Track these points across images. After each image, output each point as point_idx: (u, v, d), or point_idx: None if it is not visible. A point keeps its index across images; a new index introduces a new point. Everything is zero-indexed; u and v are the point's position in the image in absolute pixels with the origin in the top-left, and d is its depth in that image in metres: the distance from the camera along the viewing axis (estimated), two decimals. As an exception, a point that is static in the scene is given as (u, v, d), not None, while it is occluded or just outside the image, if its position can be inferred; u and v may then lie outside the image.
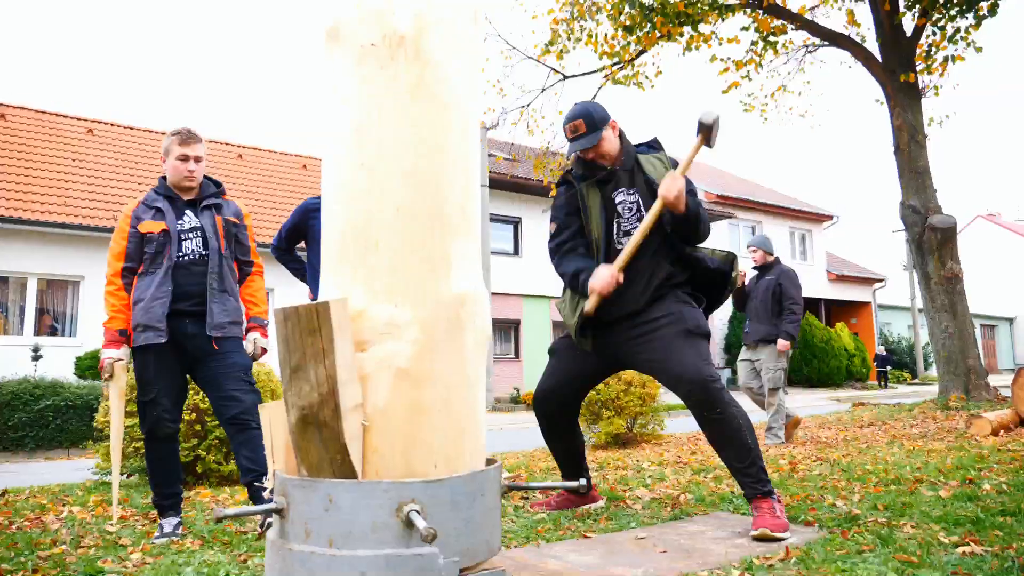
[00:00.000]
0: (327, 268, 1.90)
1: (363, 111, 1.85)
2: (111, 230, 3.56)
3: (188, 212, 3.39)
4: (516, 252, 19.85)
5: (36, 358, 10.85)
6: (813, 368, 22.74)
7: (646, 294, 2.74)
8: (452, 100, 1.91)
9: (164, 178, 3.45)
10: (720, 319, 23.59)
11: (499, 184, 18.31)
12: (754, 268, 6.56)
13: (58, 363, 11.53)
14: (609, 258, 2.80)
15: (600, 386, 7.30)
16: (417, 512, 1.68)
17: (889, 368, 24.38)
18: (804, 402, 15.71)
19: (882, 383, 23.41)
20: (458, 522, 1.76)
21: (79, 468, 6.64)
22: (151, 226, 3.29)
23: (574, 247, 2.88)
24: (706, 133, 2.72)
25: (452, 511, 1.75)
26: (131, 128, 16.77)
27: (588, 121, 2.79)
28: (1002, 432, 5.53)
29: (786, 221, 26.28)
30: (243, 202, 16.34)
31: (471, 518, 1.79)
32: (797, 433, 7.00)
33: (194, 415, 5.14)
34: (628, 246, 2.70)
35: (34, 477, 6.37)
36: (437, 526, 1.70)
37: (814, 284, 26.56)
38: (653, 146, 3.02)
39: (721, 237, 24.03)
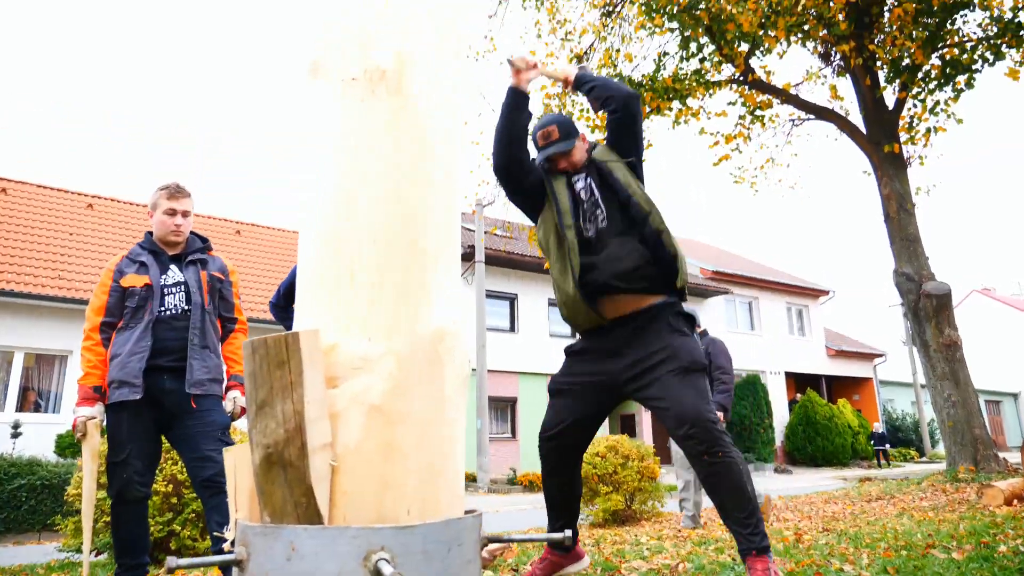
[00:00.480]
0: (301, 301, 1.82)
1: (342, 143, 1.82)
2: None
3: (172, 267, 3.33)
4: (512, 329, 19.76)
5: (15, 435, 10.56)
6: (817, 446, 22.28)
7: (624, 262, 2.67)
8: (433, 134, 1.88)
9: (150, 233, 3.41)
10: (719, 396, 23.26)
11: (495, 260, 18.41)
12: None
13: (38, 440, 11.24)
14: (584, 247, 2.75)
15: (597, 460, 7.09)
16: (386, 561, 1.54)
17: (888, 446, 23.57)
18: (810, 482, 15.30)
19: (881, 462, 22.59)
20: (431, 573, 1.62)
21: (48, 553, 6.34)
22: (134, 280, 3.23)
23: None
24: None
25: (424, 561, 1.61)
26: (131, 204, 16.96)
27: (562, 128, 2.84)
28: (1015, 501, 5.32)
29: (782, 296, 26.35)
30: (241, 277, 16.40)
31: (446, 569, 1.65)
32: (803, 508, 6.75)
33: (170, 486, 4.93)
34: (552, 74, 3.02)
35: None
36: (409, 577, 1.57)
37: (813, 360, 26.39)
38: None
39: (717, 312, 24.03)
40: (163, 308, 3.21)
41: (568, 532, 1.89)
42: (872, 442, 22.90)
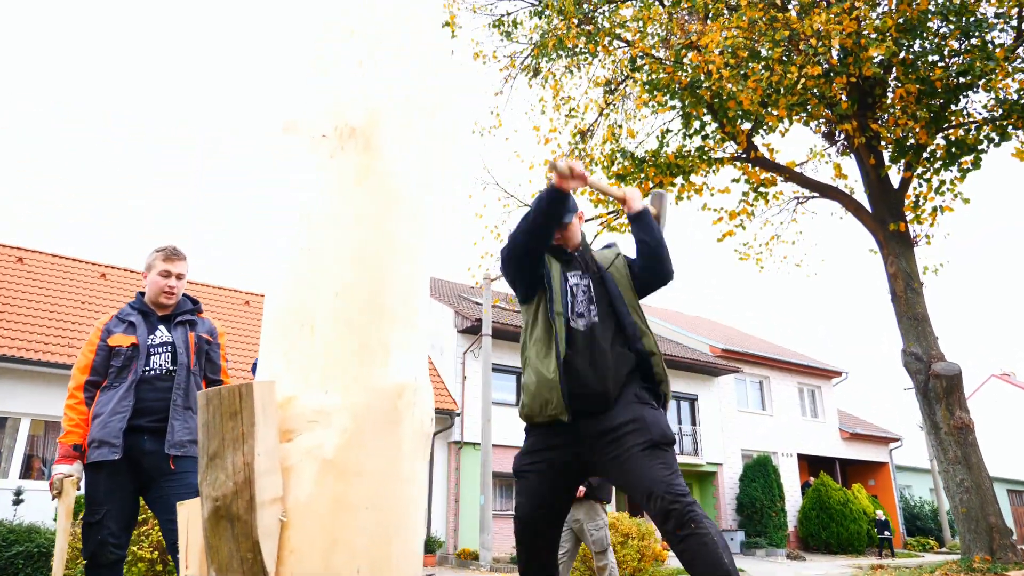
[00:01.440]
0: (263, 353, 1.81)
1: (309, 198, 1.84)
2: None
3: (161, 327, 3.35)
4: (518, 403, 19.54)
5: (17, 502, 10.45)
6: (831, 532, 21.49)
7: (611, 381, 2.62)
8: (402, 191, 1.90)
9: (142, 293, 3.44)
10: (731, 478, 22.73)
11: (501, 334, 18.39)
12: None
13: (40, 507, 11.09)
14: (568, 337, 2.71)
15: (597, 537, 6.88)
16: (331, 624, 1.48)
17: (903, 533, 22.32)
18: (823, 570, 14.71)
19: (884, 552, 21.10)
20: (380, 638, 1.55)
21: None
22: (120, 339, 3.24)
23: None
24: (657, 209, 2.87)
25: (374, 625, 1.54)
26: (144, 273, 17.24)
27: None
28: (1029, 591, 5.07)
29: (794, 377, 25.98)
30: (249, 346, 16.43)
31: (396, 635, 1.58)
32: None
33: (156, 553, 4.83)
34: (606, 190, 2.90)
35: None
36: (355, 642, 1.50)
37: (827, 443, 25.79)
38: (608, 247, 3.06)
39: (727, 391, 23.70)
40: (148, 368, 3.21)
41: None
42: (876, 530, 21.72)
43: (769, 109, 8.67)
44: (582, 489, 5.43)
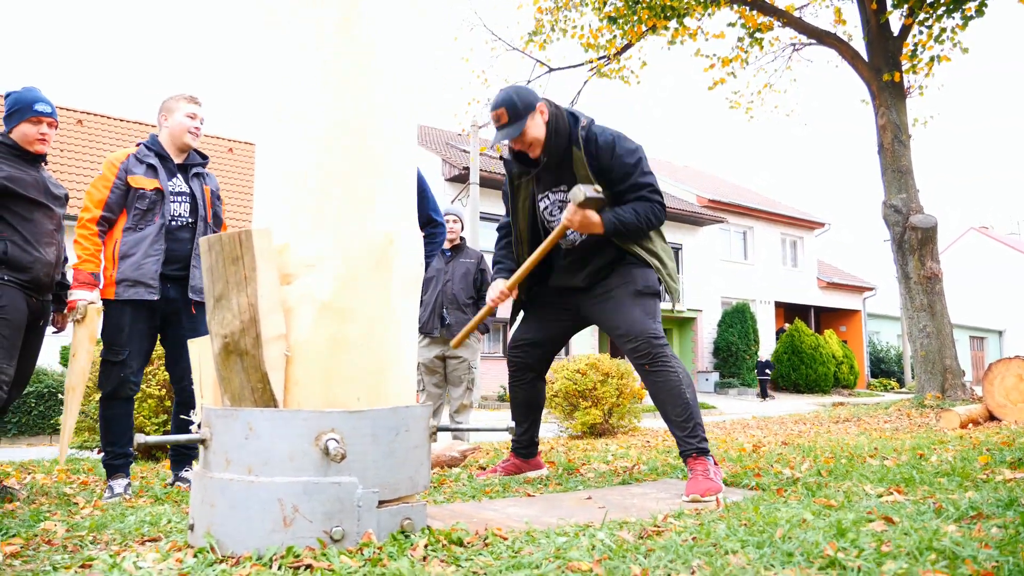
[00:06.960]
0: (258, 205, 1.90)
1: (291, 52, 1.86)
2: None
3: (178, 176, 3.33)
4: (506, 251, 19.82)
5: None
6: (801, 374, 22.77)
7: (583, 275, 2.84)
8: (382, 43, 1.91)
9: (155, 136, 3.38)
10: (709, 324, 23.64)
11: (489, 183, 18.34)
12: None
13: (45, 353, 11.54)
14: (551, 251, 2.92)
15: (577, 376, 7.31)
16: (336, 441, 1.68)
17: (769, 374, 20.95)
18: (790, 406, 15.71)
19: (762, 395, 20.69)
20: (378, 454, 1.76)
21: (57, 452, 6.62)
22: (143, 182, 3.21)
23: (503, 235, 3.15)
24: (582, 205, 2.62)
25: (373, 443, 1.75)
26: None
27: (511, 110, 2.68)
28: (971, 425, 5.54)
29: (777, 227, 26.36)
30: (234, 196, 16.36)
31: (393, 452, 1.79)
32: (772, 427, 7.00)
33: (164, 391, 5.13)
34: (527, 262, 2.80)
35: (11, 458, 6.35)
36: (356, 457, 1.71)
37: (804, 291, 26.63)
38: (589, 138, 2.73)
39: (711, 241, 24.10)
40: (170, 216, 3.24)
41: (512, 423, 2.04)
42: (756, 372, 21.40)
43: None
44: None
